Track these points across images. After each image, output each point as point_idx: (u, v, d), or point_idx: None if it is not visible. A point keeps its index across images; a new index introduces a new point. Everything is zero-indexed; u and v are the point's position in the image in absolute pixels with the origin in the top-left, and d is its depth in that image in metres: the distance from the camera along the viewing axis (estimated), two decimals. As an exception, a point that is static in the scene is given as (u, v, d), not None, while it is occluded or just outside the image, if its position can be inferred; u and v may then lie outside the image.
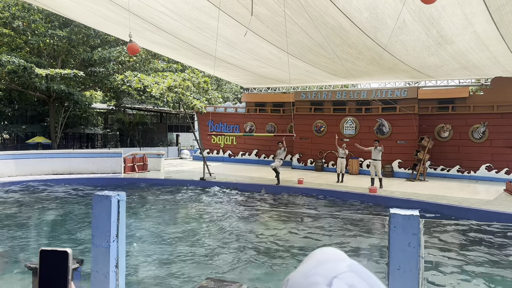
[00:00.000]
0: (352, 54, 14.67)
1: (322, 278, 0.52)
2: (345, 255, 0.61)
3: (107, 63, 26.59)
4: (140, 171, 17.81)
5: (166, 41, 15.16)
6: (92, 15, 13.30)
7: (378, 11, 10.58)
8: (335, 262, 0.55)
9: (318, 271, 0.53)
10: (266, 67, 18.20)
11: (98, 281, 3.28)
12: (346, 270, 0.53)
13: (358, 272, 0.53)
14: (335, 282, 0.51)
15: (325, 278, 0.51)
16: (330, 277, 0.51)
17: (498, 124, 17.15)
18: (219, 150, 24.63)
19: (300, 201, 12.75)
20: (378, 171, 13.93)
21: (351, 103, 19.58)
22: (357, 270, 0.53)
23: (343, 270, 0.53)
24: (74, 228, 8.80)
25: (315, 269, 0.54)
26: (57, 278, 0.67)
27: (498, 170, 17.07)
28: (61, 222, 9.51)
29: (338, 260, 0.56)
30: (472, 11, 10.31)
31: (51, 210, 10.76)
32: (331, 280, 0.51)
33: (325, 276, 0.52)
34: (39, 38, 24.57)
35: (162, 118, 41.30)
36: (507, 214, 10.05)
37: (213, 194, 13.70)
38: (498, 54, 13.91)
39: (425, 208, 10.99)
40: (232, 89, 42.19)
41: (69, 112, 29.57)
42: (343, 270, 0.53)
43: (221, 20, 11.66)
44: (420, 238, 2.50)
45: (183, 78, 16.51)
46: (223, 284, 4.13)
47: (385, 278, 2.61)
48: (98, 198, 3.28)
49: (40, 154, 17.31)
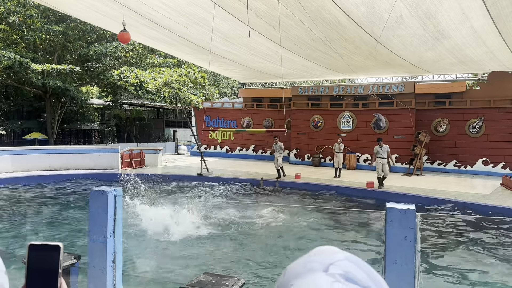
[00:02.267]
0: (349, 49, 14.65)
1: (319, 264, 0.54)
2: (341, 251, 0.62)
3: (103, 59, 26.45)
4: (138, 166, 17.79)
5: (162, 36, 15.10)
6: (89, 10, 13.23)
7: (375, 5, 10.56)
8: (333, 253, 0.57)
9: (315, 259, 0.56)
10: (263, 62, 18.17)
11: (95, 276, 3.28)
12: (343, 259, 0.55)
13: (354, 261, 0.55)
14: (331, 268, 0.53)
15: (322, 264, 0.54)
16: (326, 264, 0.54)
17: (494, 118, 17.19)
18: (217, 145, 24.61)
19: (296, 195, 12.77)
20: (386, 170, 12.86)
21: (348, 98, 19.58)
22: (354, 260, 0.55)
23: (340, 258, 0.55)
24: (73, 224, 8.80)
25: (312, 258, 0.56)
26: (46, 273, 0.66)
27: (494, 165, 17.13)
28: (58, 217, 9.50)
29: (336, 251, 0.58)
30: (469, 6, 10.30)
31: (48, 205, 10.75)
32: (327, 266, 0.53)
33: (322, 263, 0.54)
34: (35, 33, 24.41)
35: (159, 114, 41.21)
36: (504, 208, 10.09)
37: (210, 188, 13.70)
38: (495, 49, 13.91)
39: (422, 202, 11.04)
40: (229, 84, 42.09)
41: (65, 107, 29.44)
42: (340, 258, 0.55)
43: (217, 15, 11.63)
44: (416, 232, 2.51)
45: (180, 73, 16.48)
46: (221, 279, 4.14)
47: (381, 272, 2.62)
48: (94, 193, 3.27)
49: (36, 150, 17.26)
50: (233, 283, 3.99)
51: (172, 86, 16.36)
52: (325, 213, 10.18)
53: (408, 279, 2.50)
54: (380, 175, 12.92)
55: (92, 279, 3.29)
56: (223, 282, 4.02)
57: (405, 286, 2.50)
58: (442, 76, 19.51)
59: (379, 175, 12.96)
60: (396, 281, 2.50)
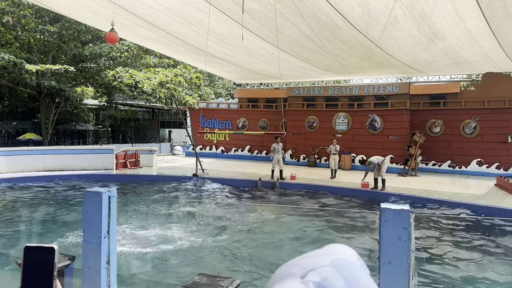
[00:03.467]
0: (344, 50, 14.69)
1: (300, 269, 0.52)
2: (350, 251, 0.59)
3: (98, 59, 26.36)
4: (132, 167, 17.73)
5: (158, 36, 15.07)
6: (83, 10, 13.17)
7: (370, 6, 10.59)
8: (320, 256, 0.55)
9: (300, 263, 0.54)
10: (258, 63, 18.18)
11: (90, 277, 3.26)
12: (326, 264, 0.53)
13: (339, 267, 0.52)
14: (310, 274, 0.51)
15: (303, 269, 0.52)
16: (307, 269, 0.52)
17: (489, 119, 17.28)
18: (212, 146, 24.58)
19: (292, 196, 12.78)
20: (383, 172, 12.73)
21: (344, 99, 19.62)
22: (339, 266, 0.53)
23: (323, 264, 0.53)
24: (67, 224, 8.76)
25: (299, 261, 0.55)
26: (42, 275, 0.66)
27: (489, 165, 17.22)
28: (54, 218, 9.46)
29: (327, 254, 0.55)
30: (463, 7, 10.35)
31: (43, 206, 10.70)
32: (307, 272, 0.51)
33: (303, 268, 0.52)
34: (29, 33, 24.30)
35: (154, 114, 41.11)
36: (498, 208, 10.14)
37: (206, 189, 13.69)
38: (489, 50, 13.99)
39: (417, 202, 11.08)
40: (225, 85, 42.07)
41: (60, 108, 29.32)
42: (323, 264, 0.53)
43: (213, 15, 11.62)
44: (410, 232, 2.52)
45: (175, 73, 16.45)
46: (216, 280, 4.14)
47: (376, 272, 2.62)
48: (89, 194, 3.26)
49: (31, 150, 17.19)
50: (228, 284, 3.99)
51: (167, 86, 16.32)
52: (321, 213, 10.19)
53: (402, 280, 2.50)
54: (378, 176, 12.79)
55: (86, 280, 3.28)
56: (218, 283, 4.02)
57: (399, 286, 2.51)
58: (437, 77, 19.58)
59: (376, 176, 12.90)
60: (390, 281, 2.51)
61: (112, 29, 10.08)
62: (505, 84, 16.87)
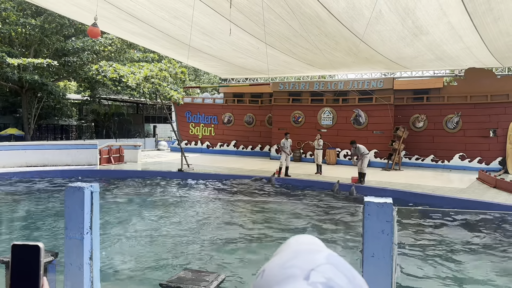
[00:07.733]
0: (330, 44, 14.73)
1: (299, 270, 0.50)
2: (321, 243, 0.59)
3: (81, 53, 25.99)
4: (116, 162, 17.57)
5: (142, 30, 14.91)
6: (66, 4, 12.97)
7: (355, 0, 10.63)
8: (312, 254, 0.54)
9: (295, 263, 0.52)
10: (244, 58, 18.13)
11: (72, 273, 3.22)
12: (324, 262, 0.51)
13: (336, 264, 0.52)
14: (313, 274, 0.49)
15: (302, 270, 0.50)
16: (307, 269, 0.50)
17: (471, 114, 17.52)
18: (197, 141, 24.48)
19: (275, 190, 12.80)
20: (364, 165, 12.92)
21: (329, 94, 19.69)
22: (335, 262, 0.52)
23: (321, 262, 0.51)
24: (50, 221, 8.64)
25: (292, 261, 0.52)
26: (29, 273, 0.67)
27: (471, 159, 17.48)
28: (36, 215, 9.32)
29: (315, 251, 0.54)
30: (446, 2, 10.46)
31: (26, 202, 10.54)
32: (308, 272, 0.49)
33: (303, 269, 0.50)
34: (10, 26, 23.81)
35: (138, 109, 40.75)
36: (480, 202, 10.30)
37: (191, 185, 13.64)
38: (472, 45, 14.16)
39: (400, 196, 11.19)
40: (211, 80, 41.89)
41: (42, 103, 28.86)
42: (321, 262, 0.51)
43: (198, 8, 11.53)
44: (393, 226, 2.53)
45: (160, 68, 16.30)
46: (201, 275, 4.12)
47: (359, 265, 2.64)
48: (70, 189, 3.21)
49: (12, 146, 16.89)
50: (213, 279, 3.98)
51: (152, 81, 16.17)
52: (307, 207, 10.23)
53: (385, 272, 2.52)
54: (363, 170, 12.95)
55: (69, 277, 3.23)
56: (203, 278, 4.01)
57: (383, 278, 2.53)
58: (420, 73, 19.79)
59: (360, 169, 13.04)
60: (374, 274, 2.53)
61: (94, 23, 9.97)
62: (487, 79, 17.11)
